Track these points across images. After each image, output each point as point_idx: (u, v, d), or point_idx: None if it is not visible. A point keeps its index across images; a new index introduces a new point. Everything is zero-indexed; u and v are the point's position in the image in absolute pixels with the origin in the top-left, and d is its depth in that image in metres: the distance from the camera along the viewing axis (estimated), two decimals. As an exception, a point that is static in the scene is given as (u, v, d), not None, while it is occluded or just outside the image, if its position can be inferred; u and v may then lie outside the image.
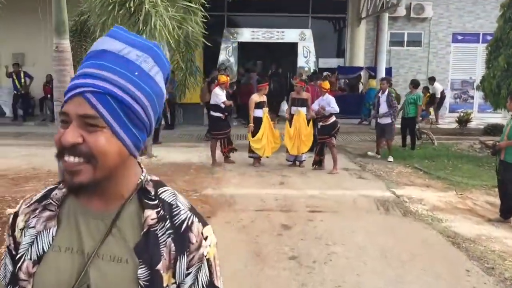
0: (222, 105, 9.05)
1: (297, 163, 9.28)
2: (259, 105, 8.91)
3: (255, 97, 8.98)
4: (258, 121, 8.90)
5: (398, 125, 11.09)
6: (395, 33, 17.70)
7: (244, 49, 17.80)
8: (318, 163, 9.01)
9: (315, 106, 8.87)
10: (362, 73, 16.61)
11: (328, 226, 5.71)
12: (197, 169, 8.83)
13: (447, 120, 16.67)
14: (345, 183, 8.08)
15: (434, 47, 17.93)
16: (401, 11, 17.08)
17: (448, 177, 8.80)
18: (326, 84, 8.99)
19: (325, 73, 15.15)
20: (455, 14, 17.80)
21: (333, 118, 8.84)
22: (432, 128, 13.84)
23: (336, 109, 8.71)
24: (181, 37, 7.98)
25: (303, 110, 9.04)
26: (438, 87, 15.90)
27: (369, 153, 10.53)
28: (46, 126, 14.02)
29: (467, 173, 9.19)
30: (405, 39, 17.89)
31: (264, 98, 9.01)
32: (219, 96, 9.02)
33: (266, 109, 8.92)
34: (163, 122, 12.55)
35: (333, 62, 17.89)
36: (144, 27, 6.20)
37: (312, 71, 16.63)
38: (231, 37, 16.98)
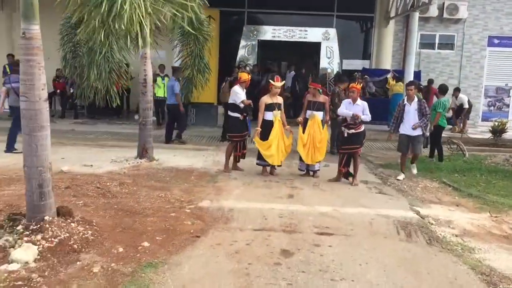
0: (241, 105, 8.22)
1: (311, 173, 8.37)
2: (269, 107, 8.05)
3: (265, 99, 8.11)
4: (267, 124, 8.04)
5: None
6: (426, 34, 16.61)
7: (264, 47, 16.97)
8: (348, 175, 8.10)
9: (342, 110, 7.92)
10: (389, 76, 15.52)
11: (337, 255, 4.79)
12: (198, 176, 8.01)
13: (480, 129, 15.49)
14: (363, 199, 7.14)
15: (467, 51, 16.77)
16: (433, 11, 15.99)
17: (481, 195, 7.76)
18: (358, 86, 8.07)
19: (356, 74, 14.20)
20: (492, 16, 16.59)
21: (363, 125, 7.94)
22: (462, 137, 12.72)
23: (370, 117, 7.84)
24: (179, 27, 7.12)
25: (318, 114, 8.14)
26: (463, 98, 14.71)
27: (399, 178, 8.58)
28: (53, 123, 13.37)
29: (503, 190, 8.13)
30: (437, 41, 16.79)
31: (277, 100, 8.12)
32: (238, 95, 8.18)
33: (277, 112, 8.03)
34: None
35: (357, 64, 16.92)
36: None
37: (335, 72, 15.69)
38: (251, 35, 16.15)
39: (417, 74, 15.02)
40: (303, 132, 8.14)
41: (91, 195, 6.46)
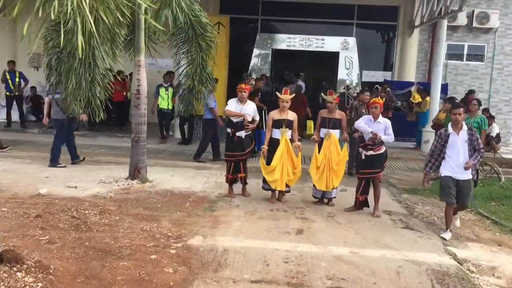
0: (234, 119, 7.22)
1: (325, 199, 7.25)
2: (277, 124, 6.99)
3: (273, 114, 7.06)
4: (273, 143, 7.00)
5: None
6: (454, 44, 15.40)
7: (278, 57, 15.93)
8: (365, 204, 6.96)
9: (360, 123, 6.80)
10: (413, 88, 14.27)
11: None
12: (195, 202, 6.95)
13: (513, 148, 14.17)
14: (387, 236, 5.97)
15: (499, 63, 15.49)
16: (462, 20, 14.80)
17: (526, 231, 6.58)
18: (380, 100, 6.97)
19: (377, 87, 13.03)
20: (526, 25, 15.30)
21: (384, 146, 6.83)
22: (495, 158, 11.43)
23: (392, 137, 6.74)
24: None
25: (335, 133, 7.05)
26: (495, 128, 12.34)
27: (444, 236, 6.07)
28: (51, 135, 12.52)
29: (551, 225, 6.92)
30: (465, 51, 15.57)
31: (286, 115, 7.03)
32: (227, 106, 7.21)
33: (285, 130, 6.95)
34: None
35: (379, 76, 15.77)
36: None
37: (354, 84, 14.57)
38: (264, 43, 15.11)
39: (444, 87, 13.81)
40: (318, 152, 7.06)
41: (62, 227, 5.44)
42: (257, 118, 7.41)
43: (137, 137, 7.62)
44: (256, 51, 15.00)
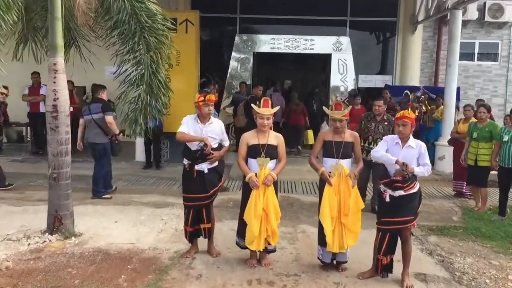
0: (192, 146, 4.99)
1: (334, 261, 4.92)
2: (253, 151, 4.75)
3: (247, 136, 4.79)
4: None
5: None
6: (463, 42, 13.17)
7: (260, 61, 13.79)
8: (389, 269, 4.65)
9: (379, 151, 4.55)
10: (419, 94, 12.10)
11: None
12: (135, 272, 4.63)
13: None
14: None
15: (516, 62, 13.47)
16: (472, 14, 12.78)
17: None
18: (412, 114, 4.69)
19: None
20: (547, 18, 13.29)
21: (417, 182, 4.59)
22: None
23: (430, 169, 4.50)
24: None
25: (345, 163, 4.74)
26: None
27: None
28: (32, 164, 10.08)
29: None
30: (476, 50, 13.56)
31: (269, 138, 4.75)
32: (181, 126, 4.97)
33: (265, 161, 4.66)
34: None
35: (377, 80, 13.63)
36: None
37: (349, 90, 12.46)
38: (244, 46, 12.94)
39: (456, 92, 11.67)
40: (321, 193, 4.76)
41: None
42: (227, 143, 5.15)
43: (55, 173, 5.31)
44: (234, 55, 12.87)
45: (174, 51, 6.50)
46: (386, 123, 7.10)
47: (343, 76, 12.97)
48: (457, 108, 11.06)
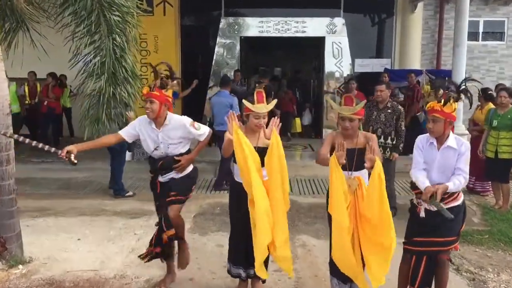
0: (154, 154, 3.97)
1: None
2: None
3: (230, 136, 3.69)
4: (238, 192, 3.64)
5: None
6: (466, 21, 12.31)
7: (248, 46, 12.76)
8: None
9: (416, 173, 3.51)
10: (421, 78, 11.12)
11: None
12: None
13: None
14: None
15: (524, 41, 12.53)
16: (476, -10, 11.73)
17: None
18: (448, 108, 3.56)
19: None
20: (556, -7, 12.33)
21: (461, 193, 3.57)
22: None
23: (467, 176, 3.43)
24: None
25: (362, 176, 3.57)
26: None
27: None
28: None
29: None
30: (480, 29, 12.58)
31: (257, 139, 3.67)
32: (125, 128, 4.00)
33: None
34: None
35: (375, 64, 12.62)
36: None
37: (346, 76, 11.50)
38: (230, 30, 11.89)
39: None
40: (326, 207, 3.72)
41: None
42: (202, 137, 4.01)
43: (-6, 187, 4.26)
44: (220, 40, 11.82)
45: (142, 32, 5.47)
46: (389, 111, 6.07)
47: (338, 60, 12.02)
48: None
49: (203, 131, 3.98)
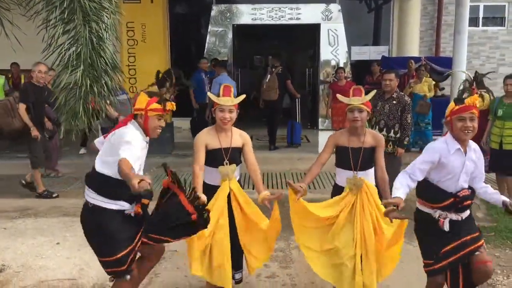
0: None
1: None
2: (214, 157, 3.37)
3: (204, 137, 3.38)
4: (211, 195, 3.32)
5: None
6: (466, 6, 11.93)
7: (241, 34, 12.35)
8: None
9: (405, 180, 3.14)
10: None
11: None
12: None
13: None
14: None
15: (525, 26, 12.16)
16: (475, -28, 11.32)
17: None
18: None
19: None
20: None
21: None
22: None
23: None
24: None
25: (368, 177, 3.33)
26: None
27: None
28: None
29: None
30: (480, 15, 12.18)
31: (233, 139, 3.43)
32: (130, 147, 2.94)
33: (230, 169, 3.36)
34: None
35: (372, 52, 12.26)
36: None
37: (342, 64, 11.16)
38: (223, 18, 11.50)
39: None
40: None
41: None
42: None
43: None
44: (211, 29, 11.43)
45: (128, 20, 5.06)
46: (394, 102, 5.69)
47: (334, 48, 11.66)
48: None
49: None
